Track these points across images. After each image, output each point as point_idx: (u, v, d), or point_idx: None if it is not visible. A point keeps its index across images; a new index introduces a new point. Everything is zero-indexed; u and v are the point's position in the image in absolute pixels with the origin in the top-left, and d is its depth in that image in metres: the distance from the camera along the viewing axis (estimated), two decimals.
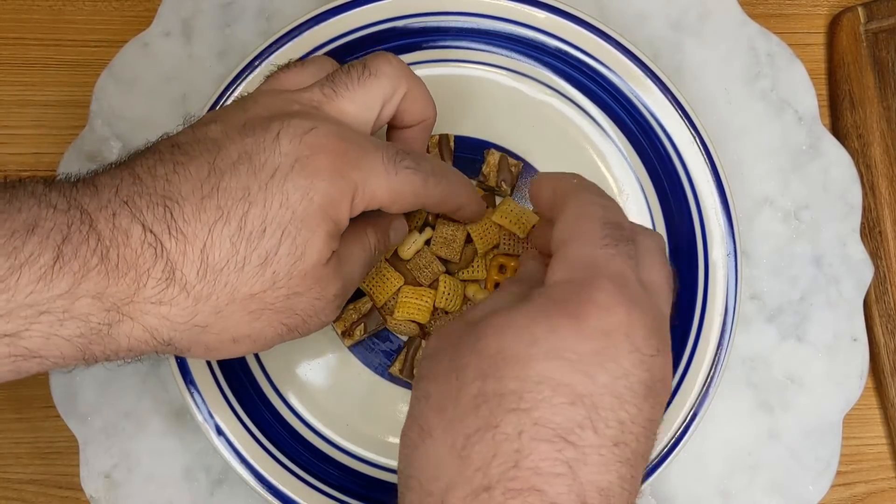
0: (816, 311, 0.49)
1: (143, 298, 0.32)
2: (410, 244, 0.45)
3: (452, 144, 0.47)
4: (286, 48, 0.46)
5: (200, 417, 0.44)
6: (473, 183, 0.47)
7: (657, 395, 0.30)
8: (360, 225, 0.39)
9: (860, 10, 0.53)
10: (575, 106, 0.48)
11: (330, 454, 0.45)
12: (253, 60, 0.46)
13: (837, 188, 0.50)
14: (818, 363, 0.49)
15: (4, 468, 0.49)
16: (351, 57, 0.47)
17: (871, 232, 0.52)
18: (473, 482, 0.28)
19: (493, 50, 0.48)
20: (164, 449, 0.47)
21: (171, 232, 0.32)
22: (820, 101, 0.52)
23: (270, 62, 0.45)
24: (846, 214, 0.50)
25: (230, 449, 0.44)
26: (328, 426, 0.46)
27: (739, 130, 0.50)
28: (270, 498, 0.44)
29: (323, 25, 0.46)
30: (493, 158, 0.47)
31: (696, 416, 0.45)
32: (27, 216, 0.30)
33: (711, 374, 0.45)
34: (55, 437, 0.50)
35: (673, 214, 0.47)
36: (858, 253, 0.50)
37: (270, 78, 0.39)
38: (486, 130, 0.48)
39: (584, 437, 0.28)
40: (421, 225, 0.46)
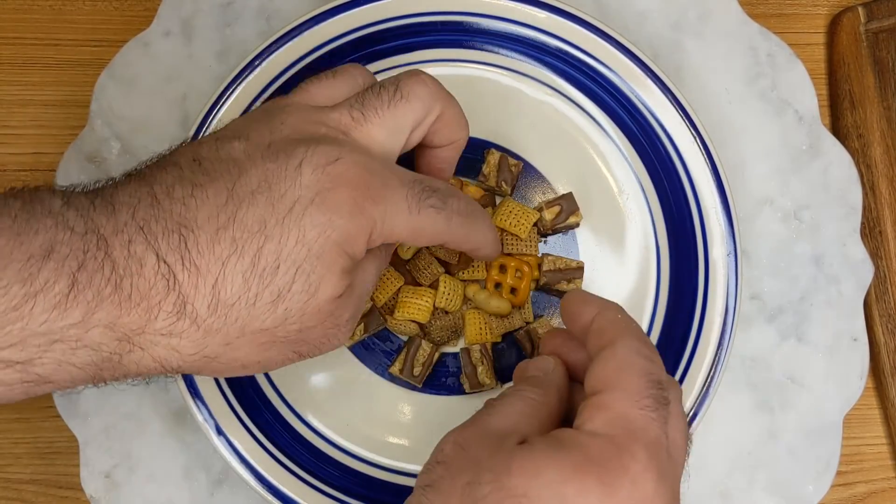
0: (816, 311, 0.49)
1: (153, 330, 0.31)
2: (410, 244, 0.45)
3: None
4: (286, 48, 0.46)
5: (200, 417, 0.44)
6: (474, 183, 0.47)
7: None
8: None
9: (860, 9, 0.53)
10: (575, 106, 0.48)
11: (330, 454, 0.45)
12: (253, 60, 0.46)
13: (838, 188, 0.50)
14: (818, 363, 0.49)
15: (4, 468, 0.49)
16: (352, 57, 0.47)
17: (871, 232, 0.52)
18: None
19: (493, 50, 0.48)
20: (164, 449, 0.47)
21: (184, 263, 0.31)
22: (820, 100, 0.52)
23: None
24: (846, 214, 0.50)
25: (230, 449, 0.44)
26: (328, 426, 0.46)
27: (740, 130, 0.50)
28: (270, 498, 0.44)
29: (323, 25, 0.46)
30: (493, 158, 0.47)
31: (696, 416, 0.45)
32: (44, 239, 0.30)
33: (711, 374, 0.45)
34: (55, 437, 0.50)
35: (673, 214, 0.47)
36: (859, 253, 0.50)
37: (300, 90, 0.37)
38: (486, 130, 0.48)
39: None
40: None
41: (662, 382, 0.32)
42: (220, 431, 0.44)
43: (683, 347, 0.46)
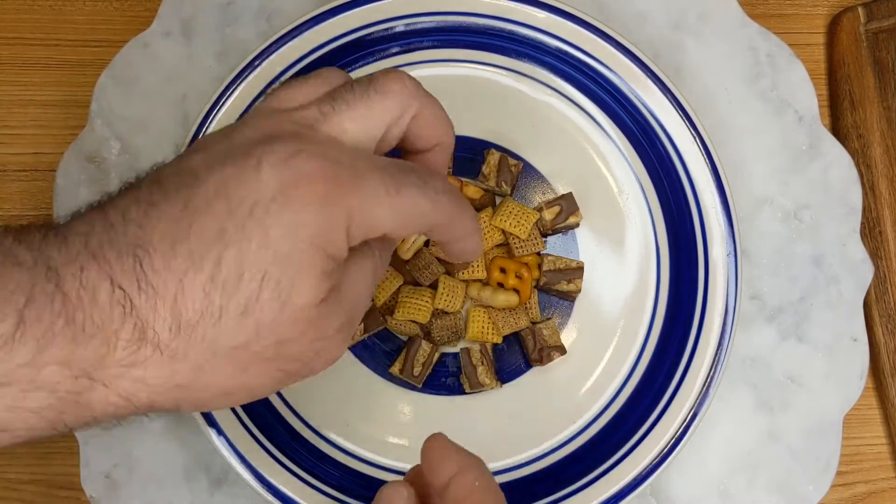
0: (816, 311, 0.49)
1: (113, 362, 0.29)
2: (410, 244, 0.45)
3: None
4: (286, 48, 0.46)
5: (200, 417, 0.44)
6: (474, 183, 0.47)
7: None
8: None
9: (860, 10, 0.53)
10: (575, 106, 0.48)
11: (330, 454, 0.45)
12: (253, 60, 0.46)
13: (837, 188, 0.50)
14: (818, 363, 0.49)
15: (4, 468, 0.49)
16: (352, 57, 0.47)
17: (871, 232, 0.52)
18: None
19: (493, 50, 0.48)
20: (164, 449, 0.47)
21: (140, 286, 0.28)
22: (820, 101, 0.52)
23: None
24: (846, 214, 0.50)
25: (230, 449, 0.44)
26: (328, 426, 0.46)
27: (739, 130, 0.50)
28: (270, 498, 0.44)
29: (323, 25, 0.46)
30: (493, 158, 0.47)
31: (696, 415, 0.45)
32: None
33: (711, 374, 0.45)
34: (55, 437, 0.50)
35: (673, 214, 0.47)
36: (858, 253, 0.50)
37: (269, 95, 0.34)
38: (486, 130, 0.48)
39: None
40: None
41: None
42: (220, 431, 0.44)
43: (683, 347, 0.46)
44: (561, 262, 0.46)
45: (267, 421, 0.45)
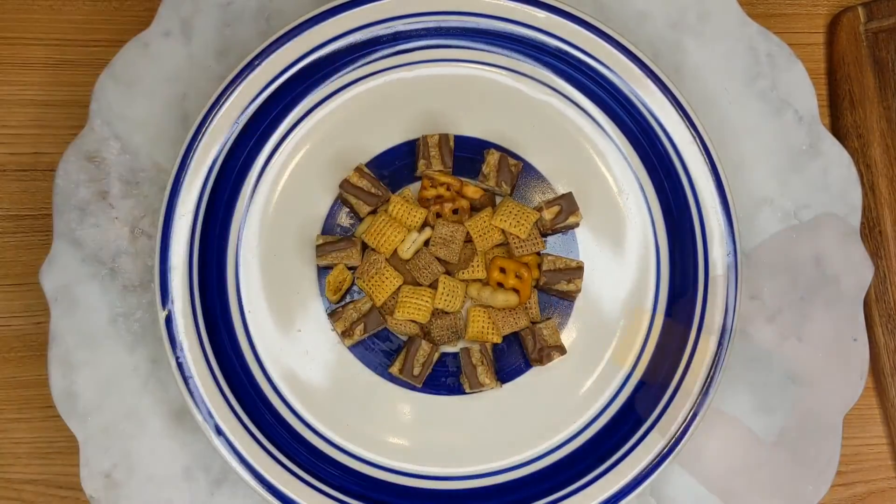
0: (816, 310, 0.49)
1: None
2: (410, 244, 0.45)
3: (452, 144, 0.47)
4: (286, 48, 0.46)
5: (200, 417, 0.44)
6: (474, 183, 0.47)
7: None
8: None
9: (860, 9, 0.53)
10: (575, 106, 0.48)
11: (329, 454, 0.45)
12: (253, 60, 0.46)
13: (837, 188, 0.50)
14: (818, 363, 0.49)
15: (5, 468, 0.49)
16: (351, 56, 0.47)
17: (870, 231, 0.52)
18: None
19: (492, 50, 0.48)
20: (163, 449, 0.47)
21: None
22: (820, 100, 0.52)
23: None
24: (846, 214, 0.50)
25: (229, 449, 0.44)
26: (328, 426, 0.46)
27: (739, 130, 0.50)
28: (270, 498, 0.44)
29: (322, 25, 0.46)
30: (492, 158, 0.47)
31: (695, 415, 0.45)
32: None
33: (711, 373, 0.45)
34: (55, 437, 0.50)
35: (673, 214, 0.47)
36: (858, 253, 0.50)
37: None
38: (485, 130, 0.48)
39: None
40: (420, 225, 0.46)
41: None
42: (219, 431, 0.44)
43: (683, 347, 0.46)
44: (561, 261, 0.46)
45: (266, 421, 0.45)
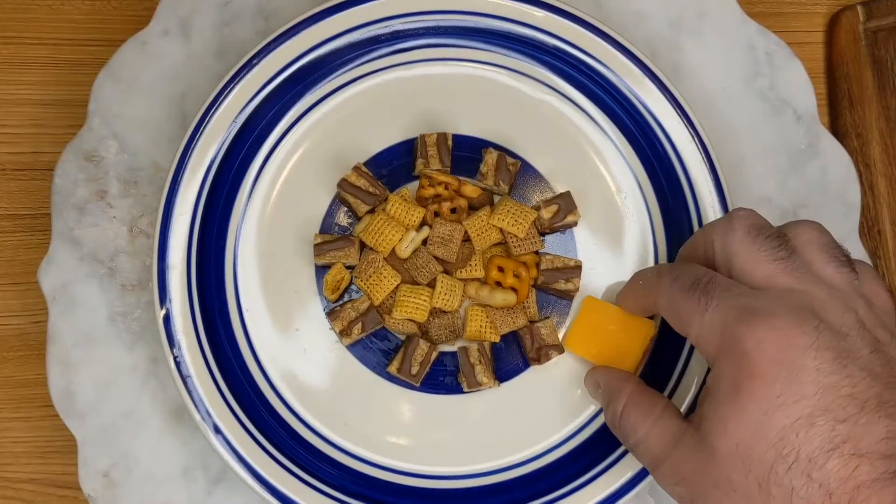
0: None
1: None
2: (408, 243, 0.45)
3: (450, 143, 0.47)
4: (284, 47, 0.46)
5: (198, 416, 0.44)
6: (472, 182, 0.47)
7: None
8: None
9: (859, 8, 0.53)
10: (573, 105, 0.48)
11: (328, 453, 0.45)
12: (251, 59, 0.46)
13: (836, 187, 0.50)
14: None
15: (3, 467, 0.49)
16: (349, 56, 0.47)
17: (869, 231, 0.52)
18: None
19: (491, 49, 0.48)
20: (162, 448, 0.47)
21: None
22: (819, 99, 0.52)
23: None
24: (845, 214, 0.50)
25: (228, 448, 0.44)
26: (326, 425, 0.46)
27: (738, 129, 0.50)
28: (269, 497, 0.44)
29: (321, 24, 0.46)
30: (490, 157, 0.47)
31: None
32: None
33: (710, 373, 0.45)
34: (54, 436, 0.50)
35: (671, 214, 0.47)
36: (857, 252, 0.50)
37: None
38: (484, 129, 0.48)
39: None
40: (418, 224, 0.46)
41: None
42: (217, 430, 0.44)
43: (681, 345, 0.46)
44: (559, 260, 0.46)
45: (264, 420, 0.45)
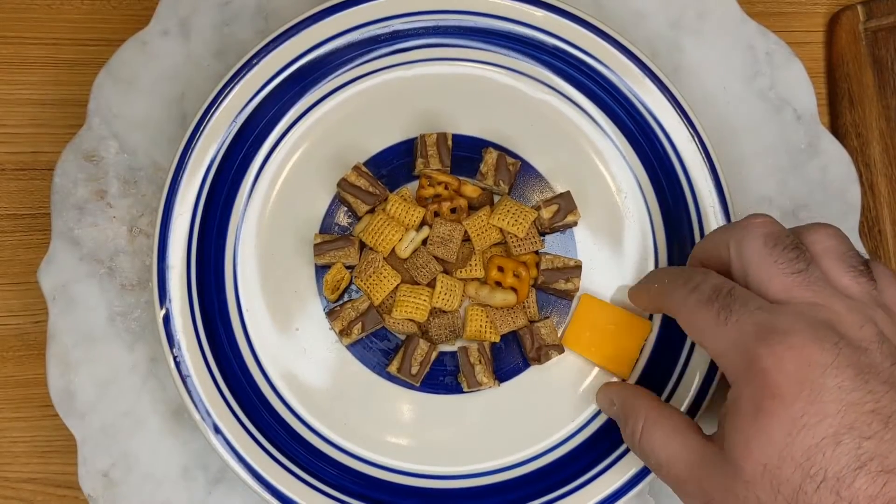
0: None
1: None
2: (408, 243, 0.45)
3: (450, 143, 0.47)
4: (284, 47, 0.46)
5: (198, 416, 0.44)
6: (472, 182, 0.47)
7: None
8: None
9: (859, 8, 0.53)
10: (573, 105, 0.48)
11: (328, 453, 0.45)
12: (251, 59, 0.46)
13: (836, 187, 0.50)
14: None
15: (3, 467, 0.49)
16: (349, 56, 0.47)
17: (870, 231, 0.52)
18: None
19: (491, 48, 0.48)
20: (162, 448, 0.47)
21: None
22: (819, 99, 0.52)
23: None
24: (845, 213, 0.50)
25: (228, 448, 0.44)
26: (326, 425, 0.46)
27: (738, 129, 0.50)
28: (268, 497, 0.44)
29: (321, 24, 0.46)
30: (490, 157, 0.46)
31: (694, 416, 0.45)
32: None
33: (710, 372, 0.45)
34: (53, 435, 0.50)
35: (671, 213, 0.47)
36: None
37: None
38: (483, 129, 0.48)
39: None
40: (418, 224, 0.46)
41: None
42: (217, 430, 0.44)
43: (682, 345, 0.46)
44: (559, 260, 0.46)
45: (264, 420, 0.45)
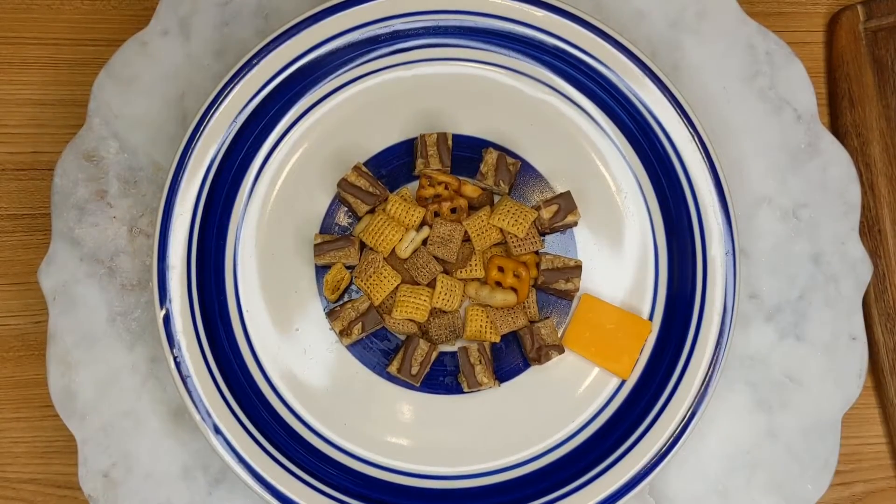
0: (815, 309, 0.49)
1: None
2: (408, 243, 0.45)
3: (450, 143, 0.47)
4: (284, 47, 0.46)
5: (198, 416, 0.44)
6: (472, 182, 0.47)
7: None
8: None
9: (859, 8, 0.53)
10: (573, 104, 0.48)
11: (328, 453, 0.45)
12: (251, 59, 0.46)
13: (836, 187, 0.50)
14: (817, 362, 0.49)
15: (3, 467, 0.49)
16: (349, 56, 0.47)
17: (870, 230, 0.52)
18: None
19: (491, 48, 0.48)
20: (162, 448, 0.47)
21: None
22: (819, 99, 0.52)
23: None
24: (845, 213, 0.50)
25: (227, 448, 0.44)
26: (326, 425, 0.46)
27: (738, 129, 0.50)
28: (268, 497, 0.44)
29: (320, 24, 0.46)
30: (490, 157, 0.46)
31: (694, 414, 0.45)
32: None
33: (710, 373, 0.45)
34: (54, 436, 0.50)
35: (671, 213, 0.47)
36: (857, 251, 0.50)
37: None
38: (484, 129, 0.48)
39: None
40: (418, 224, 0.46)
41: None
42: (217, 430, 0.44)
43: (681, 346, 0.46)
44: (559, 260, 0.46)
45: (264, 420, 0.45)
